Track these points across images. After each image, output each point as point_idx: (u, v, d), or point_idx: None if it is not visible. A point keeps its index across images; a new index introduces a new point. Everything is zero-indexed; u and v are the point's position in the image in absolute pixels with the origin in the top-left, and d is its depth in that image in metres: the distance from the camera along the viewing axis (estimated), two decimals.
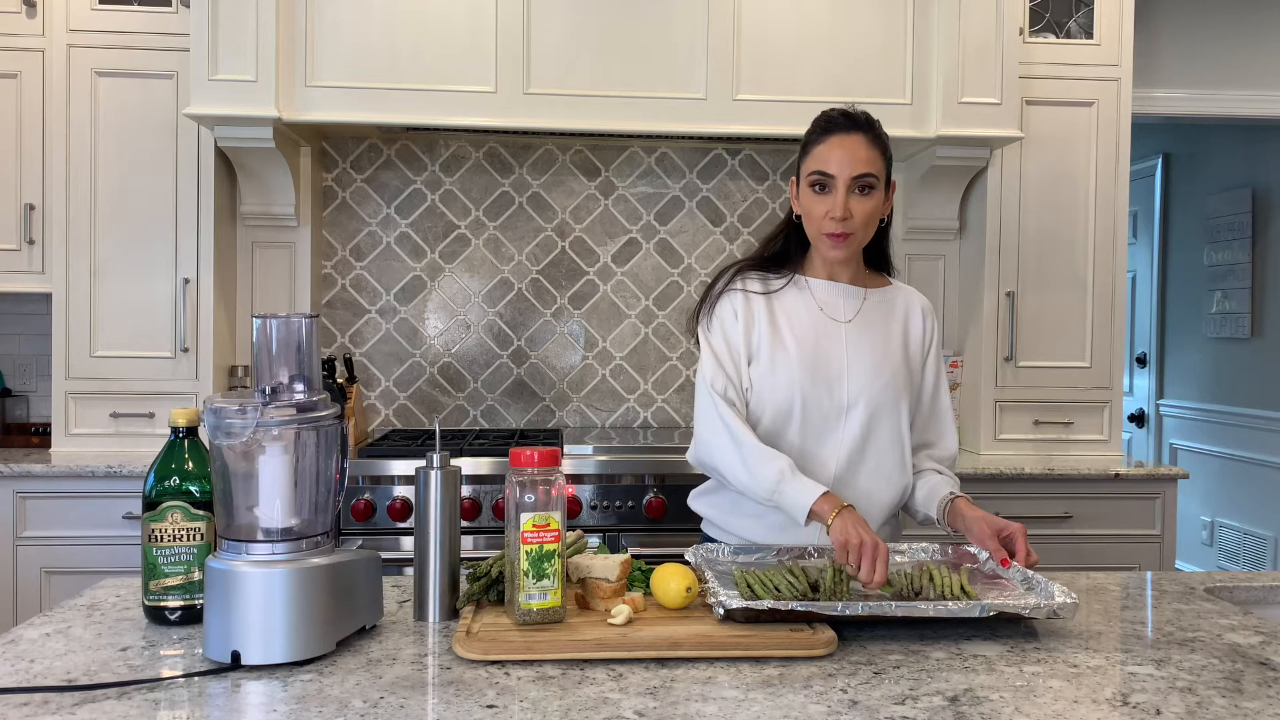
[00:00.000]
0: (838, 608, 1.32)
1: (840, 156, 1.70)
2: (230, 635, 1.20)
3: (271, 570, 1.21)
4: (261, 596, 1.20)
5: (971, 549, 1.65)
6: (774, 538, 1.73)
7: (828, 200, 1.71)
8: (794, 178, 1.80)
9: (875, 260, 1.89)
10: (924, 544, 1.67)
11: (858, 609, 1.32)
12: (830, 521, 1.57)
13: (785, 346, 1.76)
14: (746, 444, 1.70)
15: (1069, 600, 1.36)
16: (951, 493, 1.76)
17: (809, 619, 1.33)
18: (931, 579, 1.46)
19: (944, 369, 1.90)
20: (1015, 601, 1.37)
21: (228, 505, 1.25)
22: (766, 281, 1.83)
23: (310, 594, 1.22)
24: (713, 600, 1.35)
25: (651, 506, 2.79)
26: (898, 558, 1.63)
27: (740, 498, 1.77)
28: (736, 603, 1.32)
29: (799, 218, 1.79)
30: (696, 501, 1.92)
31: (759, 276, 1.84)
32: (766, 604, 1.31)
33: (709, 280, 1.92)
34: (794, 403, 1.75)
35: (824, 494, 1.62)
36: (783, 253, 1.85)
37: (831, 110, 1.77)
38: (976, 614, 1.34)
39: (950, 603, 1.36)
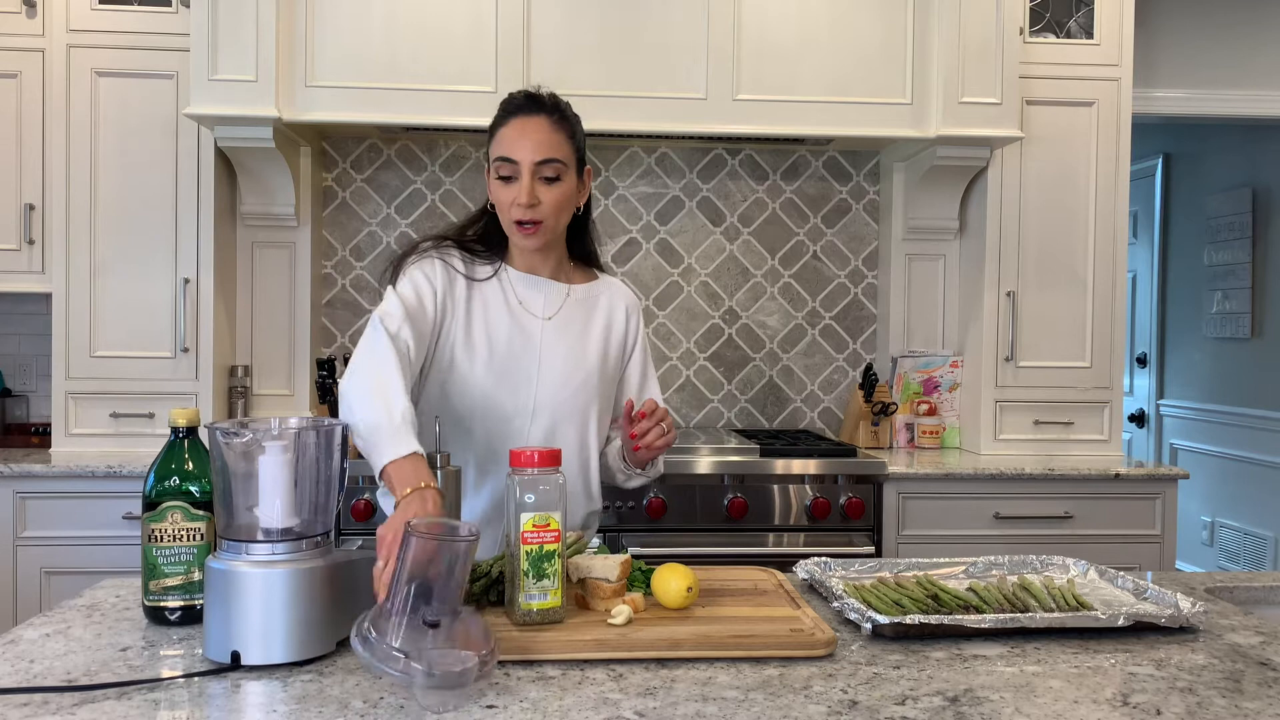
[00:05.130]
0: (985, 620, 1.32)
1: (523, 142, 1.63)
2: (230, 635, 1.19)
3: (271, 570, 1.21)
4: (261, 597, 1.20)
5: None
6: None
7: (514, 188, 1.65)
8: (486, 165, 1.71)
9: (580, 252, 1.84)
10: (976, 559, 1.66)
11: (1003, 621, 1.32)
12: (399, 500, 1.32)
13: (474, 347, 1.71)
14: (374, 376, 1.48)
15: (1197, 609, 1.38)
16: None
17: (957, 633, 1.33)
18: (1030, 590, 1.49)
19: (650, 365, 1.91)
20: (1153, 609, 1.38)
21: (228, 505, 1.25)
22: (471, 265, 1.74)
23: (310, 594, 1.22)
24: (854, 616, 1.35)
25: (652, 506, 2.78)
26: (963, 577, 1.62)
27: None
28: (884, 619, 1.31)
29: (493, 207, 1.72)
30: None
31: (462, 257, 1.74)
32: (917, 619, 1.31)
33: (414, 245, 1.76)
34: (475, 404, 1.71)
35: (410, 455, 1.37)
36: (484, 238, 1.76)
37: (516, 92, 1.70)
38: (1120, 624, 1.34)
39: (1091, 611, 1.38)
